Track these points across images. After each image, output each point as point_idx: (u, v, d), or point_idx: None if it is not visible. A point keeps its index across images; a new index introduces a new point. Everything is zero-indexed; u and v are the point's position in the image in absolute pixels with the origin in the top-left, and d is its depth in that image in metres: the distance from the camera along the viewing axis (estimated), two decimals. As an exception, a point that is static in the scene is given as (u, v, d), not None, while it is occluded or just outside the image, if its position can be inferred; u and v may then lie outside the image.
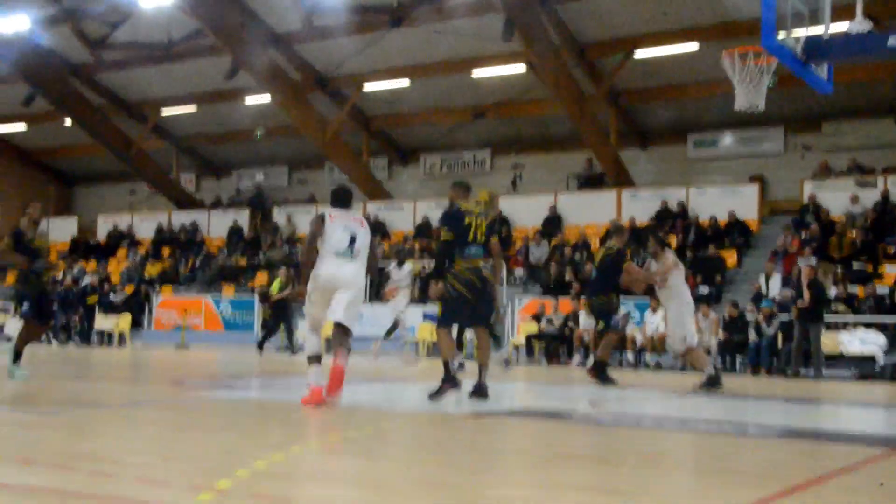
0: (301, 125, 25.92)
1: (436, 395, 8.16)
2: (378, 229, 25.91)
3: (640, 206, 23.23)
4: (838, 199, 21.11)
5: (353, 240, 7.76)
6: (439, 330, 8.45)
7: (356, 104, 26.89)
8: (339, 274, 7.66)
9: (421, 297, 20.44)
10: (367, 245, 7.91)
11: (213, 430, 6.16)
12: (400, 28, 22.80)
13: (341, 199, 8.06)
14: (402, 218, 26.78)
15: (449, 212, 8.51)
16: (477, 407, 7.81)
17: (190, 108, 28.83)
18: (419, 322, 19.42)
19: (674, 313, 11.20)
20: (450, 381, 8.21)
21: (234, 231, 29.10)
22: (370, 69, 25.22)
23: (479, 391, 8.30)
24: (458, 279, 8.15)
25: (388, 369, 14.03)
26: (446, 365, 8.25)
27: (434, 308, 20.62)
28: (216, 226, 29.79)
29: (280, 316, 19.15)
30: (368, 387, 10.41)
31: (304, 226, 28.13)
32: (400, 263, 16.38)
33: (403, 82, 25.41)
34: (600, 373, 11.35)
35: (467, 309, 8.28)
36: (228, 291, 25.29)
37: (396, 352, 18.15)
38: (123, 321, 22.87)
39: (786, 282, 17.99)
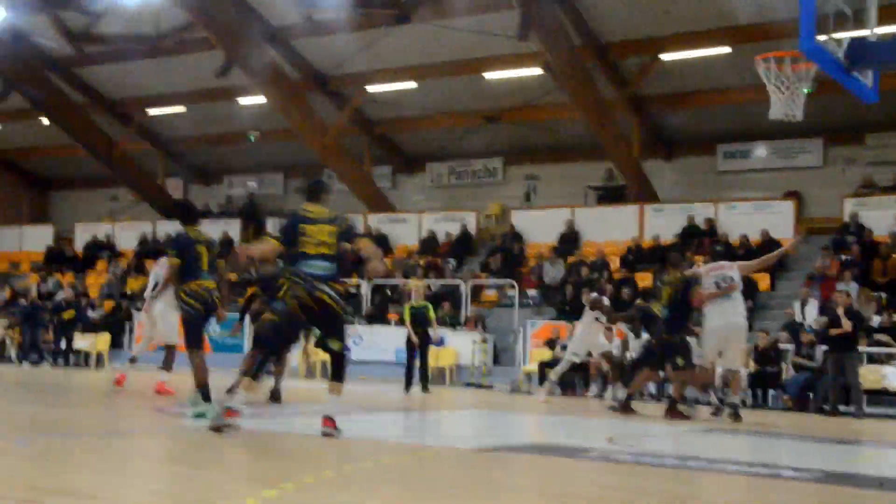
0: (298, 129, 25.94)
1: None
2: (380, 243, 25.91)
3: (664, 223, 23.19)
4: (883, 217, 21.01)
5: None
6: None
7: (358, 107, 26.92)
8: None
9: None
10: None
11: (200, 463, 6.15)
12: (406, 25, 22.85)
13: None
14: (407, 231, 26.77)
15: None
16: (484, 441, 7.83)
17: (178, 109, 28.86)
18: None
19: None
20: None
21: (225, 243, 29.04)
22: (373, 69, 25.24)
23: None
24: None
25: (392, 399, 13.99)
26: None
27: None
28: (204, 237, 29.74)
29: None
30: (372, 417, 10.40)
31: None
32: (594, 306, 15.49)
33: (409, 84, 25.45)
34: (675, 411, 11.93)
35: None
36: (218, 308, 25.16)
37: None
38: (102, 340, 22.81)
39: (823, 309, 17.93)
